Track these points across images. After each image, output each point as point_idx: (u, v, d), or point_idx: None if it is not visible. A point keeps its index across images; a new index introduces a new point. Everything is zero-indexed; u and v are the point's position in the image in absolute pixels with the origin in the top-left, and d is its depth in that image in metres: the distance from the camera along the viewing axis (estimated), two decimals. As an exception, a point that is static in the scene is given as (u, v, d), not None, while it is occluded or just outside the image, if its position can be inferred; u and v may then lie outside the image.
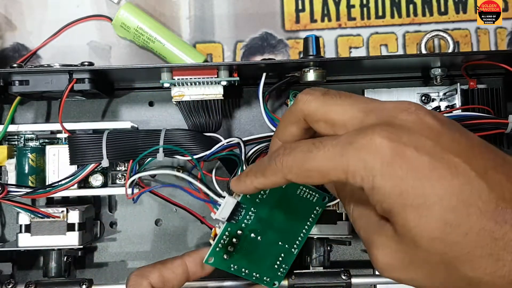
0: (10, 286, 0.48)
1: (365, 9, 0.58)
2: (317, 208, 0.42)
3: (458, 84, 0.50)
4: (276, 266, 0.42)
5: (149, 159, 0.45)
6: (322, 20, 0.58)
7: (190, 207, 0.51)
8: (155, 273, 0.39)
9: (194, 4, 0.58)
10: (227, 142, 0.46)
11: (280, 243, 0.42)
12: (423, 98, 0.54)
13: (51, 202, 0.54)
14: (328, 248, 0.49)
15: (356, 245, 0.55)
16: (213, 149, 0.45)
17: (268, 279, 0.42)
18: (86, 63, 0.49)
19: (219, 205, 0.40)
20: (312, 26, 0.57)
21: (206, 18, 0.57)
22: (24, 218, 0.48)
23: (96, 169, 0.50)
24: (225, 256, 0.40)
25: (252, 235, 0.41)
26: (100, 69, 0.47)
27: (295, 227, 0.42)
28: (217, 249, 0.40)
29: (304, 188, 0.41)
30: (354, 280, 0.46)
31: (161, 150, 0.44)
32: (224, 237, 0.40)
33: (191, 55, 0.54)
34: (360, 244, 0.55)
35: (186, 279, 0.40)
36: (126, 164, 0.52)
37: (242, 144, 0.45)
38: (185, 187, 0.45)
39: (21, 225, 0.48)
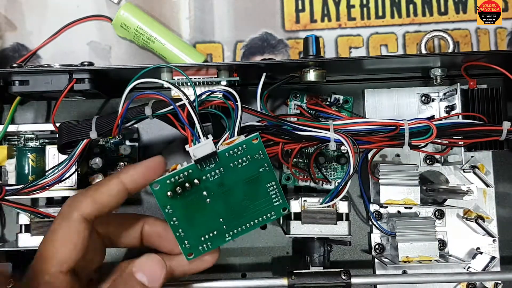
0: (10, 286, 0.48)
1: (365, 9, 0.58)
2: (272, 212, 0.41)
3: (458, 84, 0.50)
4: (202, 238, 0.41)
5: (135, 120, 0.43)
6: (322, 20, 0.58)
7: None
8: (88, 202, 0.35)
9: (194, 4, 0.58)
10: (223, 86, 0.42)
11: (221, 219, 0.40)
12: (423, 98, 0.54)
13: (51, 202, 0.54)
14: (328, 248, 0.49)
15: (356, 245, 0.55)
16: (202, 92, 0.42)
17: (188, 246, 0.41)
18: (86, 63, 0.49)
19: (198, 141, 0.38)
20: (312, 26, 0.57)
21: (206, 18, 0.57)
22: (24, 218, 0.48)
23: (95, 169, 0.50)
24: (169, 193, 0.39)
25: (205, 193, 0.39)
26: (100, 69, 0.47)
27: (243, 216, 0.41)
28: (168, 181, 0.38)
29: (274, 186, 0.40)
30: (354, 280, 0.46)
31: (150, 104, 0.42)
32: (181, 174, 0.38)
33: (191, 55, 0.54)
34: (360, 244, 0.55)
35: (125, 196, 0.38)
36: (126, 164, 0.53)
37: (239, 105, 0.41)
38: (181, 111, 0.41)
39: (21, 225, 0.48)
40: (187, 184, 0.39)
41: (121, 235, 0.40)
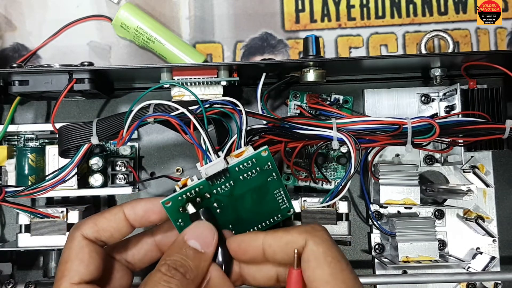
0: (10, 286, 0.48)
1: (365, 9, 0.58)
2: (278, 215, 0.42)
3: (458, 84, 0.50)
4: None
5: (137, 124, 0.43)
6: (322, 20, 0.58)
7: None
8: (89, 224, 0.38)
9: (194, 4, 0.58)
10: (222, 99, 0.42)
11: (230, 226, 0.41)
12: (423, 98, 0.54)
13: (51, 202, 0.54)
14: (328, 248, 0.49)
15: (356, 245, 0.55)
16: (205, 102, 0.42)
17: None
18: (86, 63, 0.49)
19: (209, 159, 0.39)
20: (312, 26, 0.57)
21: (206, 18, 0.57)
22: (24, 218, 0.48)
23: (95, 169, 0.50)
24: (180, 209, 0.39)
25: (215, 204, 0.40)
26: (100, 69, 0.47)
27: (251, 221, 0.42)
28: (179, 198, 0.39)
29: (281, 192, 0.41)
30: (354, 280, 0.46)
31: (151, 108, 0.42)
32: (192, 191, 0.39)
33: (191, 55, 0.54)
34: (360, 244, 0.55)
35: (127, 227, 0.39)
36: (126, 164, 0.53)
37: (243, 112, 0.41)
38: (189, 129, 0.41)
39: (21, 225, 0.48)
40: (198, 199, 0.40)
41: (138, 256, 0.41)
